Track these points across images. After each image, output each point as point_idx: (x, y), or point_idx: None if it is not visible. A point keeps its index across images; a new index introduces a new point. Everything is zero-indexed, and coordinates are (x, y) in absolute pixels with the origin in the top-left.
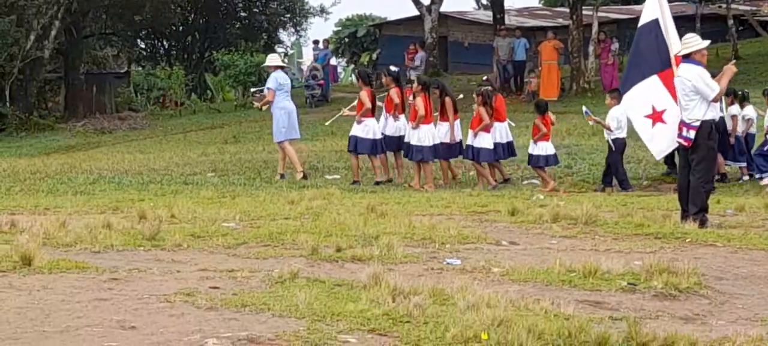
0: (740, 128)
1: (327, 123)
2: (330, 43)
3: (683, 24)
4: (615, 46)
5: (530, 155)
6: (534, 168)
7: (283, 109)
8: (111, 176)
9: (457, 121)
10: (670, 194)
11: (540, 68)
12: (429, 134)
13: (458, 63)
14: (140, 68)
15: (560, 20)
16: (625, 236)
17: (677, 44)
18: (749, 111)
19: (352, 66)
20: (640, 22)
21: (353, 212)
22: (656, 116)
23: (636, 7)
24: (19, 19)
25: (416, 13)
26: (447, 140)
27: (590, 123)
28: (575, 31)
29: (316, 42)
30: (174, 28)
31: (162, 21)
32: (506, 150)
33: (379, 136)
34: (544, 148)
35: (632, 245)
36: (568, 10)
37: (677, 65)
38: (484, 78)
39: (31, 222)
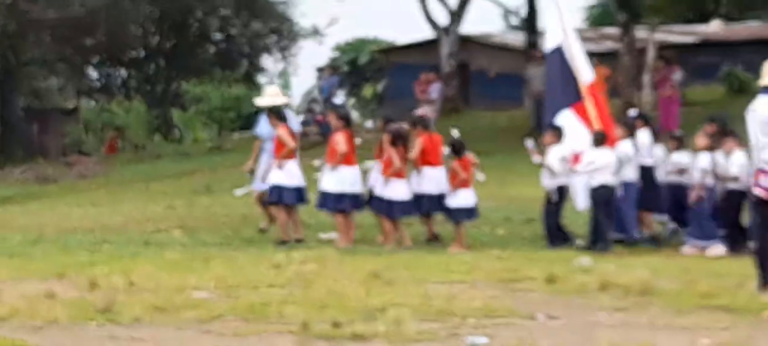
0: None
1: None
2: (334, 71)
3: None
4: (677, 75)
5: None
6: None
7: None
8: (56, 235)
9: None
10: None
11: None
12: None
13: (482, 96)
14: (92, 103)
15: (608, 44)
16: (689, 310)
17: (586, 72)
18: None
19: (353, 99)
20: (545, 50)
21: (353, 279)
22: (575, 160)
23: (700, 28)
24: None
25: (431, 35)
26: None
27: (534, 161)
28: (627, 57)
29: (320, 69)
30: (134, 54)
31: (119, 45)
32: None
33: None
34: (464, 197)
35: (698, 320)
36: (617, 31)
37: (590, 94)
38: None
39: None
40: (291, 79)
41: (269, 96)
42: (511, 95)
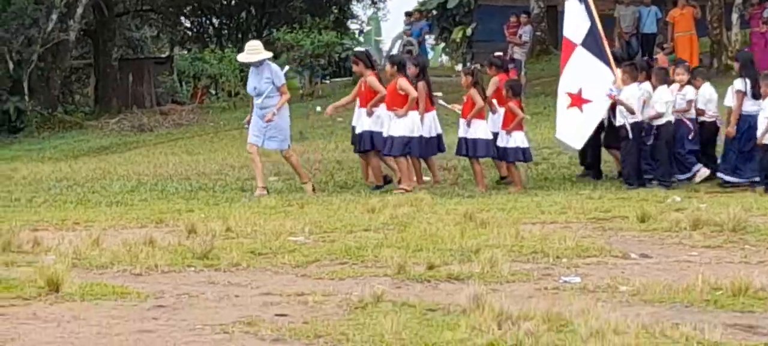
0: None
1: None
2: (423, 15)
3: None
4: None
5: (502, 148)
6: (507, 164)
7: (287, 108)
8: (153, 183)
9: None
10: None
11: (672, 42)
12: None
13: None
14: (185, 52)
15: None
16: None
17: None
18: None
19: (443, 44)
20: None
21: (447, 222)
22: (577, 101)
23: None
24: None
25: None
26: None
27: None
28: None
29: (408, 13)
30: (225, 3)
31: None
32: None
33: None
34: (519, 139)
35: None
36: None
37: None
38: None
39: (58, 239)
40: (381, 25)
41: (250, 52)
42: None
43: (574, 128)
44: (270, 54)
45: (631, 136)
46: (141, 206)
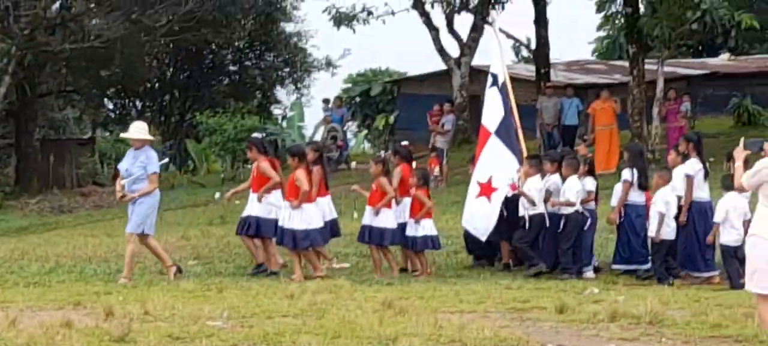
0: None
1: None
2: (342, 103)
3: None
4: (685, 106)
5: (411, 237)
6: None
7: (158, 196)
8: (71, 265)
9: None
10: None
11: (592, 134)
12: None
13: None
14: (107, 133)
15: (618, 76)
16: (699, 339)
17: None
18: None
19: (365, 131)
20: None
21: (366, 309)
22: (487, 190)
23: (710, 61)
24: None
25: (442, 67)
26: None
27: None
28: (636, 90)
29: (326, 101)
30: (149, 86)
31: (134, 77)
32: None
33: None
34: (428, 227)
35: None
36: (627, 63)
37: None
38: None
39: None
40: (304, 111)
41: (134, 130)
42: (523, 125)
43: (481, 218)
44: (151, 138)
45: (528, 227)
46: (59, 287)
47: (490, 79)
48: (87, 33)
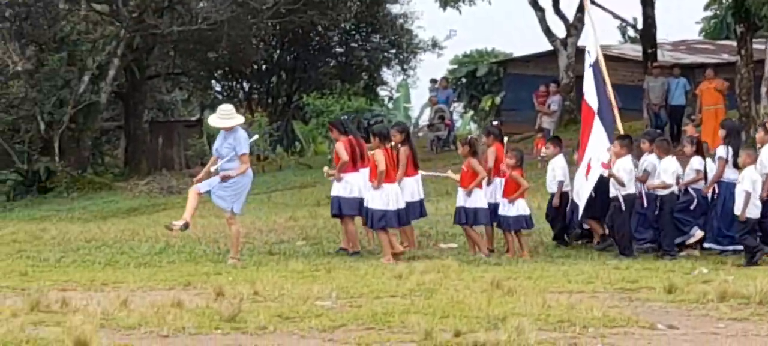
0: None
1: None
2: (448, 83)
3: None
4: None
5: (503, 216)
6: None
7: (250, 176)
8: (181, 245)
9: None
10: None
11: (700, 114)
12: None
13: None
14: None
15: (725, 56)
16: None
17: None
18: None
19: (471, 112)
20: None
21: (474, 289)
22: (588, 169)
23: None
24: (70, 56)
25: (549, 47)
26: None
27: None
28: (744, 69)
29: (433, 81)
30: (256, 67)
31: (241, 59)
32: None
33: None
34: (521, 207)
35: None
36: (734, 43)
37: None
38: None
39: (87, 299)
40: (410, 92)
41: (221, 116)
42: (630, 106)
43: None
44: (240, 120)
45: (623, 208)
46: (169, 268)
47: (587, 57)
48: (194, 15)
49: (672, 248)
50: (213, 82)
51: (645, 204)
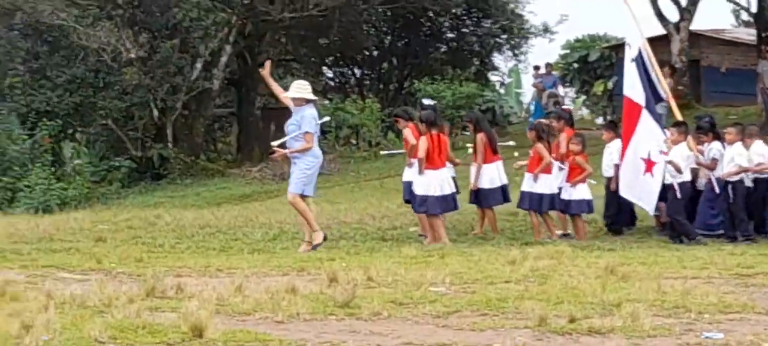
0: None
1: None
2: (554, 69)
3: None
4: None
5: (566, 200)
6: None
7: (317, 157)
8: (294, 231)
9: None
10: None
11: None
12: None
13: (714, 92)
14: (327, 101)
15: None
16: None
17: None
18: None
19: (583, 97)
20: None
21: (588, 275)
22: (649, 166)
23: None
24: (182, 43)
25: (661, 32)
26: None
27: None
28: None
29: (536, 67)
30: (367, 54)
31: (353, 45)
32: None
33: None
34: (583, 191)
35: None
36: None
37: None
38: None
39: (202, 286)
40: (522, 77)
41: (294, 88)
42: (744, 90)
43: (646, 192)
44: (307, 97)
45: (679, 196)
46: (283, 254)
47: (628, 52)
48: (306, 2)
49: (749, 232)
50: (324, 68)
51: (717, 190)
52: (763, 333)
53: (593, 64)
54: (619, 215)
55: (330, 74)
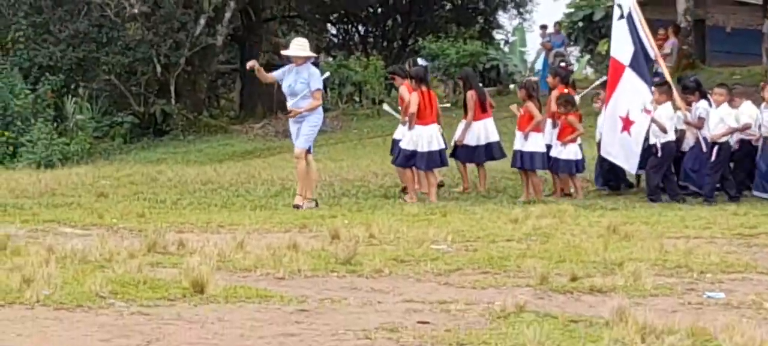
0: None
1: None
2: (561, 28)
3: None
4: None
5: (554, 159)
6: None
7: (321, 114)
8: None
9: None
10: None
11: None
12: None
13: (719, 52)
14: (331, 59)
15: None
16: None
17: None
18: None
19: (588, 56)
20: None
21: (591, 234)
22: (627, 124)
23: None
24: None
25: None
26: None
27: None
28: None
29: (543, 27)
30: (371, 11)
31: (356, 2)
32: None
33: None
34: (573, 151)
35: None
36: None
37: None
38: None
39: (203, 242)
40: (526, 36)
41: (295, 47)
42: (749, 50)
43: (625, 151)
44: (314, 55)
45: (660, 155)
46: (285, 210)
47: (617, 11)
48: None
49: (734, 192)
50: (328, 25)
51: (704, 149)
52: (765, 293)
53: (598, 23)
54: (610, 174)
55: (333, 31)
